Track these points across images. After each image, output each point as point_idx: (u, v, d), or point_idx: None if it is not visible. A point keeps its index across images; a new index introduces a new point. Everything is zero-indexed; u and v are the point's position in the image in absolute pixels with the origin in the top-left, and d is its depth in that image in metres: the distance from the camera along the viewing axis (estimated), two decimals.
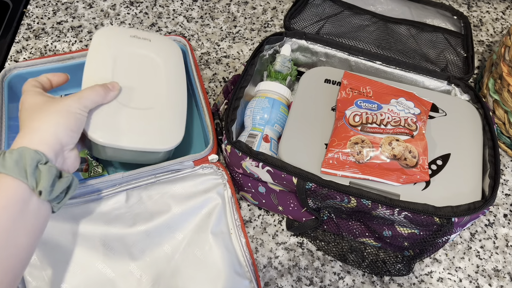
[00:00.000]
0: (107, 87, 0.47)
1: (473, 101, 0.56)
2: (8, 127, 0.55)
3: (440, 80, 0.58)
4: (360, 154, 0.47)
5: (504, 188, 0.62)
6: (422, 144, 0.48)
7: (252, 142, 0.53)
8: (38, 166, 0.37)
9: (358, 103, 0.52)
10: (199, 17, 0.77)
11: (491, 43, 0.77)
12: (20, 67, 0.58)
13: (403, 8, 0.71)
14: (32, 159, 0.36)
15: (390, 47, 0.63)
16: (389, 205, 0.44)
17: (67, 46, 0.72)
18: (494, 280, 0.54)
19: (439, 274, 0.55)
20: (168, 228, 0.50)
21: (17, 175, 0.36)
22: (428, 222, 0.44)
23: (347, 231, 0.52)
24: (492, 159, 0.49)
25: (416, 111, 0.51)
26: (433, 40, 0.66)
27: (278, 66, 0.59)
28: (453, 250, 0.56)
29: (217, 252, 0.49)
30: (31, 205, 0.37)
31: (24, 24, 0.74)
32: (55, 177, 0.38)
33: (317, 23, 0.65)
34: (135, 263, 0.48)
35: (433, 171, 0.49)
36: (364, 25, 0.67)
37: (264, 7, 0.79)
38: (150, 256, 0.49)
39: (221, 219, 0.51)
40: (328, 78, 0.56)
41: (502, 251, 0.57)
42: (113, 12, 0.77)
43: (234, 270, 0.49)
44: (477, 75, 0.73)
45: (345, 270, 0.54)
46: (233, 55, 0.72)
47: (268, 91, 0.57)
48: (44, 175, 0.37)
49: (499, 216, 0.59)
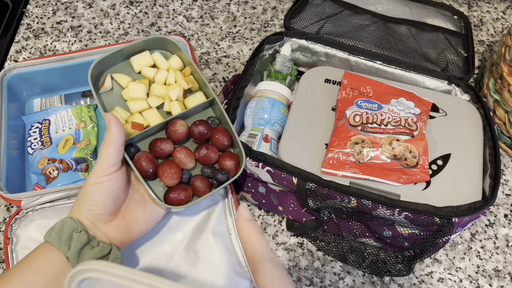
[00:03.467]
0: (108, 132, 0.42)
1: (473, 101, 0.55)
2: (8, 127, 0.55)
3: (441, 80, 0.58)
4: (361, 154, 0.47)
5: (505, 188, 0.62)
6: (422, 144, 0.48)
7: (252, 142, 0.53)
8: (72, 234, 0.39)
9: (359, 103, 0.52)
10: (199, 16, 0.77)
11: (491, 43, 0.77)
12: (19, 67, 0.58)
13: (404, 8, 0.70)
14: (69, 227, 0.39)
15: (390, 47, 0.63)
16: (389, 205, 0.44)
17: (67, 46, 0.72)
18: (494, 280, 0.54)
19: (440, 275, 0.55)
20: (168, 228, 0.50)
21: (55, 243, 0.39)
22: (428, 222, 0.44)
23: (347, 231, 0.52)
24: (492, 159, 0.49)
25: (417, 111, 0.51)
26: (434, 40, 0.66)
27: (278, 66, 0.59)
28: (454, 250, 0.56)
29: (217, 252, 0.49)
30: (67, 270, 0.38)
31: (24, 24, 0.74)
32: (84, 245, 0.39)
33: (317, 23, 0.65)
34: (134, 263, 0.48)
35: (434, 171, 0.48)
36: (364, 24, 0.66)
37: (264, 7, 0.79)
38: (150, 256, 0.49)
39: (221, 219, 0.51)
40: (328, 78, 0.56)
41: (502, 251, 0.57)
42: (112, 12, 0.77)
43: (234, 270, 0.49)
44: (477, 75, 0.73)
45: (345, 270, 0.54)
46: (233, 55, 0.72)
47: (268, 91, 0.57)
48: (73, 242, 0.39)
49: (500, 216, 0.59)
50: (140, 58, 0.51)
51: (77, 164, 0.55)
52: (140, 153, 0.46)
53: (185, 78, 0.52)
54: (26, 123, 0.59)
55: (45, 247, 0.39)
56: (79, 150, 0.57)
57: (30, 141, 0.57)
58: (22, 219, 0.49)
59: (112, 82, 0.51)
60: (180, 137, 0.47)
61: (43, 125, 0.59)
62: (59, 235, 0.39)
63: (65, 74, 0.61)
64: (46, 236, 0.40)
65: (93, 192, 0.40)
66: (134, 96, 0.50)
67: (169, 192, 0.45)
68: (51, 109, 0.60)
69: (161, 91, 0.51)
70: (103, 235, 0.42)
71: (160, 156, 0.47)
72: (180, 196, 0.45)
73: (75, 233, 0.39)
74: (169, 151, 0.47)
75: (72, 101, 0.62)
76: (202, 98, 0.51)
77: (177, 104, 0.50)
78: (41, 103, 0.62)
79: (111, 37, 0.73)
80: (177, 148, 0.47)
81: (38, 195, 0.49)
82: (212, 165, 0.48)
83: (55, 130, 0.58)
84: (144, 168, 0.45)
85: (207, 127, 0.48)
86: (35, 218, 0.49)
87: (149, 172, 0.45)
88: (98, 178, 0.40)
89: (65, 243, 0.39)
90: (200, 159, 0.48)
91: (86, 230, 0.40)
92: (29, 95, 0.62)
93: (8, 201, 0.49)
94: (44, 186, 0.54)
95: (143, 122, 0.49)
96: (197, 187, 0.46)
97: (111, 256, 0.41)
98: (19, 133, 0.58)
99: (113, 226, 0.42)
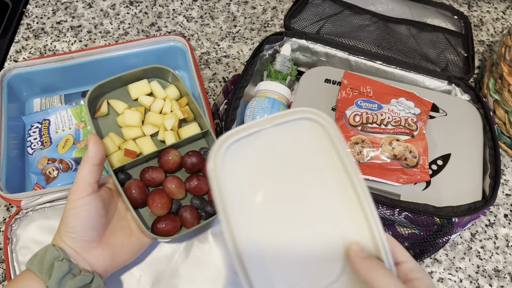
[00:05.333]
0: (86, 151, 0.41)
1: (473, 101, 0.55)
2: (8, 127, 0.55)
3: (441, 80, 0.58)
4: (361, 154, 0.47)
5: (505, 188, 0.62)
6: (422, 144, 0.48)
7: None
8: (54, 263, 0.38)
9: (359, 103, 0.52)
10: (199, 16, 0.77)
11: (491, 43, 0.77)
12: (19, 67, 0.58)
13: (403, 8, 0.70)
14: (51, 255, 0.38)
15: (390, 46, 0.63)
16: (389, 205, 0.44)
17: (67, 46, 0.72)
18: (494, 281, 0.54)
19: (440, 275, 0.55)
20: None
21: (36, 271, 0.38)
22: (428, 222, 0.44)
23: None
24: (492, 159, 0.49)
25: (417, 111, 0.51)
26: (434, 40, 0.66)
27: (278, 66, 0.59)
28: (454, 250, 0.56)
29: (217, 252, 0.49)
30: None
31: (24, 24, 0.74)
32: (65, 274, 0.38)
33: (317, 23, 0.65)
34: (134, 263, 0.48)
35: (434, 171, 0.48)
36: (364, 24, 0.66)
37: (264, 7, 0.79)
38: (150, 256, 0.49)
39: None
40: (328, 78, 0.56)
41: (502, 251, 0.57)
42: (112, 11, 0.77)
43: (234, 270, 0.49)
44: (477, 75, 0.73)
45: None
46: (233, 55, 0.72)
47: (268, 91, 0.57)
48: (54, 271, 0.37)
49: (500, 216, 0.59)
50: (138, 86, 0.52)
51: (77, 164, 0.55)
52: (131, 181, 0.46)
53: (181, 108, 0.52)
54: (26, 123, 0.59)
55: (26, 275, 0.38)
56: (79, 150, 0.57)
57: (30, 141, 0.57)
58: (22, 219, 0.49)
59: (109, 107, 0.51)
60: (172, 166, 0.47)
61: (43, 125, 0.59)
62: (41, 263, 0.38)
63: (65, 74, 0.61)
64: (28, 264, 0.39)
65: (70, 218, 0.39)
66: (129, 123, 0.50)
67: (157, 222, 0.45)
68: (51, 109, 0.60)
69: (157, 120, 0.51)
70: (86, 263, 0.40)
71: (150, 185, 0.47)
72: (167, 227, 0.45)
73: (57, 261, 0.38)
74: (160, 181, 0.47)
75: (72, 101, 0.62)
76: (197, 129, 0.51)
77: (171, 134, 0.50)
78: (41, 103, 0.62)
79: (111, 37, 0.73)
80: (169, 178, 0.47)
81: (38, 195, 0.49)
82: (202, 196, 0.48)
83: (55, 130, 0.58)
84: (134, 196, 0.45)
85: (200, 158, 0.48)
86: (35, 218, 0.49)
87: (139, 200, 0.45)
88: (73, 202, 0.39)
89: (46, 271, 0.37)
90: (191, 189, 0.48)
91: (68, 258, 0.39)
92: (29, 95, 0.62)
93: (8, 201, 0.49)
94: (44, 186, 0.54)
95: (136, 149, 0.49)
96: (185, 218, 0.46)
97: (93, 285, 0.39)
98: (19, 133, 0.58)
99: (97, 254, 0.41)
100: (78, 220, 0.39)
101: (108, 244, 0.42)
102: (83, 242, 0.40)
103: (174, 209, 0.47)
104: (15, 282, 0.38)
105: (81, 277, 0.38)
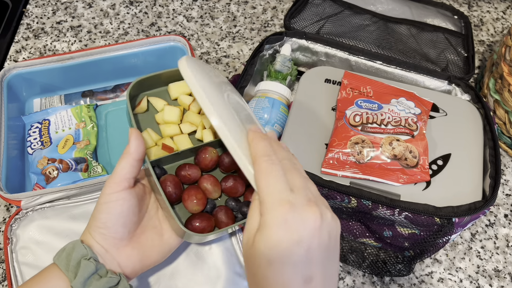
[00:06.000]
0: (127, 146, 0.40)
1: (473, 101, 0.55)
2: (8, 127, 0.55)
3: (441, 80, 0.58)
4: (361, 154, 0.47)
5: (505, 188, 0.62)
6: (422, 144, 0.48)
7: None
8: (80, 261, 0.37)
9: (359, 103, 0.52)
10: (199, 16, 0.77)
11: (491, 43, 0.77)
12: (19, 67, 0.58)
13: (404, 8, 0.70)
14: (78, 253, 0.37)
15: (390, 46, 0.63)
16: (389, 206, 0.44)
17: (67, 46, 0.72)
18: (494, 281, 0.54)
19: (440, 275, 0.55)
20: None
21: (62, 267, 0.37)
22: (428, 222, 0.44)
23: (348, 231, 0.52)
24: (492, 159, 0.49)
25: (417, 111, 0.51)
26: (434, 39, 0.66)
27: (278, 65, 0.59)
28: (454, 250, 0.56)
29: (217, 252, 0.49)
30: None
31: (24, 24, 0.74)
32: (91, 275, 0.37)
33: (317, 23, 0.65)
34: None
35: (434, 171, 0.48)
36: (364, 24, 0.66)
37: (264, 7, 0.79)
38: None
39: None
40: (328, 78, 0.56)
41: (502, 251, 0.57)
42: (112, 11, 0.77)
43: (234, 270, 0.49)
44: (477, 75, 0.73)
45: (345, 270, 0.54)
46: (233, 55, 0.72)
47: (268, 91, 0.57)
48: (80, 270, 0.36)
49: (500, 216, 0.59)
50: (178, 86, 0.51)
51: (77, 164, 0.55)
52: (167, 176, 0.44)
53: None
54: (26, 123, 0.59)
55: (52, 271, 0.37)
56: (79, 150, 0.57)
57: (30, 141, 0.57)
58: (22, 219, 0.49)
59: (148, 105, 0.51)
60: (209, 164, 0.46)
61: (43, 125, 0.59)
62: (68, 259, 0.37)
63: (65, 74, 0.61)
64: (55, 258, 0.38)
65: (102, 213, 0.38)
66: (168, 120, 0.49)
67: (191, 220, 0.44)
68: (51, 109, 0.60)
69: (195, 119, 0.50)
70: (115, 262, 0.39)
71: (186, 182, 0.46)
72: (202, 225, 0.43)
73: (84, 260, 0.37)
74: (196, 178, 0.46)
75: (72, 101, 0.62)
76: None
77: (209, 132, 0.49)
78: (41, 103, 0.62)
79: (111, 37, 0.73)
80: (205, 176, 0.46)
81: (38, 195, 0.49)
82: (237, 198, 0.47)
83: (55, 130, 0.58)
84: (169, 191, 0.43)
85: None
86: (35, 218, 0.49)
87: (173, 196, 0.44)
88: (107, 196, 0.38)
89: (72, 269, 0.36)
90: (226, 190, 0.46)
91: (96, 257, 0.38)
92: (29, 95, 0.62)
93: (8, 201, 0.49)
94: (44, 186, 0.54)
95: (173, 147, 0.48)
96: (220, 218, 0.44)
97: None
98: (19, 133, 0.58)
99: (126, 253, 0.40)
100: (110, 215, 0.38)
101: (138, 243, 0.41)
102: (114, 239, 0.39)
103: (209, 209, 0.45)
104: (41, 276, 0.37)
105: (107, 279, 0.37)
